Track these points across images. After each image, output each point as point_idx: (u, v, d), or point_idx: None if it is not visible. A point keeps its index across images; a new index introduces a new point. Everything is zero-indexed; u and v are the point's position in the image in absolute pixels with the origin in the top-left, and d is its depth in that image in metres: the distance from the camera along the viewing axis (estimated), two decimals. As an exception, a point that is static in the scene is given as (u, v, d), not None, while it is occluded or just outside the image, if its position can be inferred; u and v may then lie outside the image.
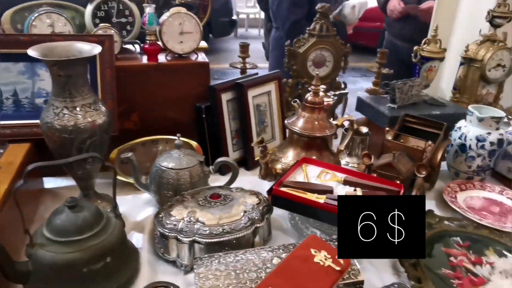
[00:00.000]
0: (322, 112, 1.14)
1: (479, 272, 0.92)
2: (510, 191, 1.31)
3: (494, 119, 1.29)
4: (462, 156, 1.35)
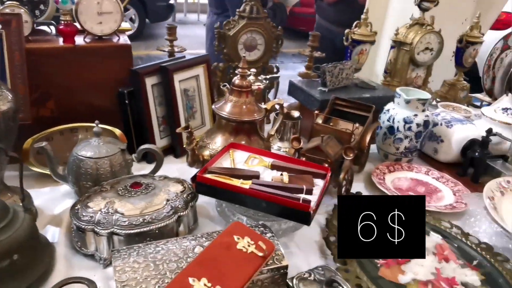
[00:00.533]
0: (250, 95, 1.13)
1: (403, 250, 0.96)
2: (435, 172, 1.39)
3: (420, 101, 1.35)
4: (390, 138, 1.40)
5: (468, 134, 1.40)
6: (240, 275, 0.70)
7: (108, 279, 0.83)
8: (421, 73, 1.94)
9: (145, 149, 1.03)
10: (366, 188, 1.27)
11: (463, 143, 1.41)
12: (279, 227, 0.96)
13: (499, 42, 2.18)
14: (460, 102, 2.03)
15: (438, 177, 1.36)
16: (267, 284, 0.79)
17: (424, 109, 1.37)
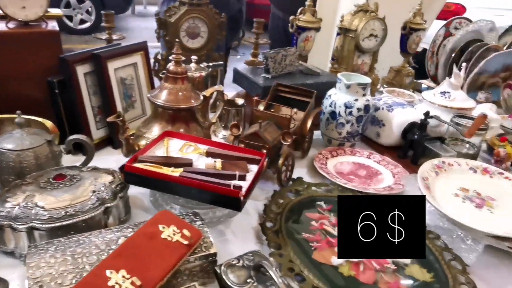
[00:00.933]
0: (186, 82, 1.10)
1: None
2: (377, 155, 1.40)
3: (360, 85, 1.35)
4: (333, 123, 1.40)
5: (408, 118, 1.42)
6: (162, 265, 0.68)
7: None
8: (367, 59, 1.95)
9: (74, 140, 0.98)
10: (308, 174, 1.27)
11: (403, 126, 1.42)
12: (214, 215, 0.94)
13: (441, 29, 2.23)
14: (406, 88, 2.06)
15: (379, 160, 1.38)
16: (196, 272, 0.77)
17: (365, 93, 1.37)
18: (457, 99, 1.52)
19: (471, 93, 1.96)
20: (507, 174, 1.21)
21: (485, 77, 1.99)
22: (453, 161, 1.25)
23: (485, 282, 0.89)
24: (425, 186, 1.08)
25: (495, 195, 1.13)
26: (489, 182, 1.19)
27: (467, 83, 1.95)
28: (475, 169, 1.24)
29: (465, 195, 1.12)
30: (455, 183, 1.17)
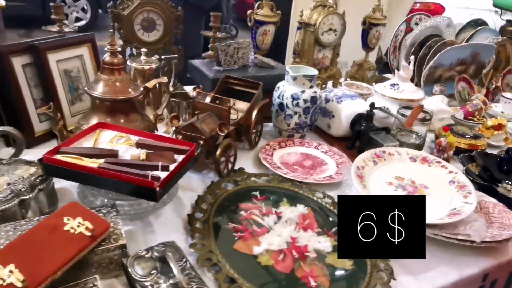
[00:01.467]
0: (123, 73, 1.04)
1: (265, 222, 0.91)
2: (325, 145, 1.35)
3: (306, 77, 1.30)
4: (281, 115, 1.34)
5: (356, 109, 1.37)
6: (56, 258, 0.62)
7: None
8: (328, 53, 1.89)
9: (1, 132, 0.92)
10: (253, 165, 1.21)
11: (351, 118, 1.37)
12: (139, 206, 0.89)
13: (402, 25, 2.17)
14: (368, 82, 2.01)
15: (326, 151, 1.33)
16: (105, 264, 0.72)
17: (312, 85, 1.32)
18: (405, 91, 1.47)
19: (428, 86, 1.91)
20: (444, 163, 1.16)
21: (441, 71, 1.94)
22: (393, 151, 1.20)
23: (404, 269, 0.84)
24: (357, 175, 1.03)
25: (430, 183, 1.08)
26: (427, 171, 1.15)
27: (424, 76, 1.90)
28: (414, 158, 1.19)
29: (399, 184, 1.07)
30: (392, 172, 1.12)
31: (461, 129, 1.46)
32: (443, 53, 1.86)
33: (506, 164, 1.29)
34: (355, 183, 0.97)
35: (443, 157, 1.29)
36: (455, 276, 0.85)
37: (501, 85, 2.08)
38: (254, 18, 1.65)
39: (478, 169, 1.28)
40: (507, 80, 2.12)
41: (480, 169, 1.28)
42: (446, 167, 1.16)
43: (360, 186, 0.97)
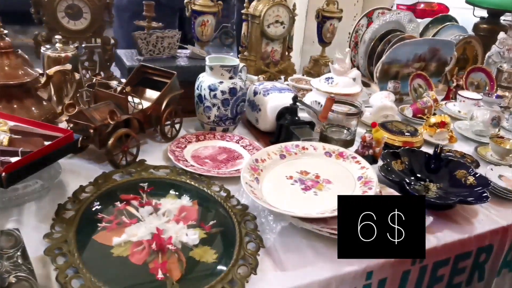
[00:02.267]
0: (13, 57, 1.03)
1: (139, 213, 0.90)
2: (246, 140, 1.33)
3: (224, 68, 1.29)
4: (201, 107, 1.33)
5: (282, 102, 1.35)
6: None
7: None
8: (277, 47, 1.88)
9: None
10: (163, 158, 1.20)
11: (277, 111, 1.36)
12: (14, 193, 0.88)
13: (362, 19, 2.15)
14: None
15: (246, 145, 1.31)
16: None
17: (232, 76, 1.31)
18: (339, 85, 1.45)
19: (383, 83, 1.89)
20: (359, 158, 1.14)
21: (398, 67, 1.92)
22: (308, 145, 1.18)
23: (280, 264, 0.83)
24: (251, 168, 1.02)
25: (335, 178, 1.07)
26: (338, 166, 1.13)
27: (377, 71, 1.88)
28: (330, 153, 1.17)
29: (300, 178, 1.06)
30: (298, 166, 1.10)
31: (396, 126, 1.43)
32: (396, 48, 1.84)
33: (434, 162, 1.27)
34: (242, 176, 0.95)
35: (369, 153, 1.27)
36: (330, 273, 0.83)
37: (465, 83, 2.06)
38: (192, 8, 1.64)
39: (402, 166, 1.25)
40: (471, 79, 2.10)
41: (404, 167, 1.26)
42: (360, 162, 1.14)
43: (247, 178, 0.96)
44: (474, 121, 1.60)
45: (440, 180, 1.22)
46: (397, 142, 1.38)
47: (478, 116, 1.59)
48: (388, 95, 1.64)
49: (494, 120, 1.57)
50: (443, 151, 1.28)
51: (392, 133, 1.39)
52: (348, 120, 1.33)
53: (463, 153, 1.43)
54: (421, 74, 1.91)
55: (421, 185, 1.20)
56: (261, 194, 0.95)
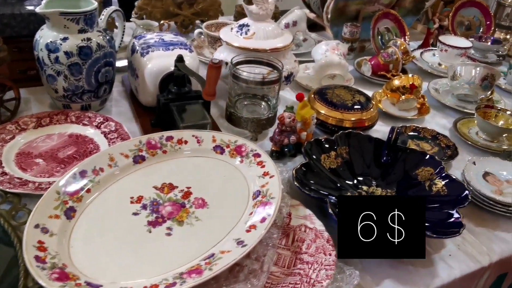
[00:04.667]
0: None
1: None
2: (112, 123, 0.98)
3: (68, 16, 0.91)
4: (43, 76, 0.96)
5: (168, 64, 0.98)
6: None
7: None
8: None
9: None
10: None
11: (160, 78, 0.99)
12: None
13: None
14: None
15: (110, 131, 0.96)
16: None
17: (84, 28, 0.93)
18: (258, 36, 1.07)
19: (338, 26, 1.51)
20: (264, 157, 0.81)
21: (357, 3, 1.53)
22: (190, 136, 0.84)
23: None
24: (63, 193, 0.67)
25: (217, 195, 0.75)
26: (230, 171, 0.80)
27: (328, 11, 1.49)
28: (223, 148, 0.84)
29: (152, 200, 0.71)
30: (160, 176, 0.76)
31: (339, 94, 1.08)
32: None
33: (385, 154, 0.93)
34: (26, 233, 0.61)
35: (290, 142, 0.93)
36: None
37: (451, 23, 1.68)
38: None
39: (338, 162, 0.92)
40: (461, 17, 1.72)
41: (340, 162, 0.92)
42: (264, 164, 0.80)
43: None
44: (457, 81, 1.25)
45: (392, 184, 0.89)
46: (336, 120, 1.04)
47: (463, 74, 1.23)
48: (336, 46, 1.27)
49: (485, 80, 1.22)
50: (400, 136, 0.94)
51: (330, 106, 1.04)
52: (267, 89, 0.98)
53: (436, 132, 1.10)
54: (390, 12, 1.53)
55: (358, 194, 0.87)
56: (65, 249, 0.61)
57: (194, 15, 1.49)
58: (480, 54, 1.56)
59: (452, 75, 1.25)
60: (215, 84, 0.82)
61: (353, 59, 1.46)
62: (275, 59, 1.00)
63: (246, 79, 0.94)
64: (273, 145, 0.96)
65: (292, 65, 1.11)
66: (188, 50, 1.04)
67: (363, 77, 1.34)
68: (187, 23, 1.49)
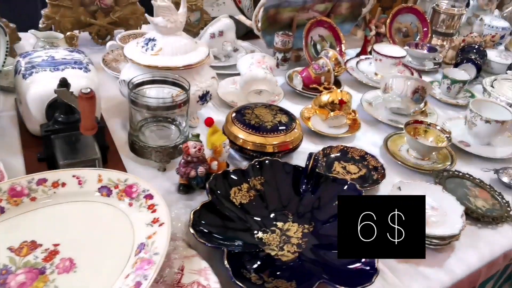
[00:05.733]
0: None
1: None
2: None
3: None
4: None
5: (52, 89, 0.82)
6: None
7: None
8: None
9: None
10: None
11: (46, 104, 0.84)
12: None
13: None
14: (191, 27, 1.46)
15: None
16: None
17: None
18: (164, 52, 0.93)
19: (271, 35, 1.39)
20: (157, 199, 0.67)
21: (290, 11, 1.41)
22: (68, 177, 0.69)
23: None
24: None
25: (92, 253, 0.59)
26: (114, 218, 0.65)
27: (257, 20, 1.36)
28: (110, 189, 0.69)
29: (2, 268, 0.56)
30: (21, 232, 0.60)
31: (259, 114, 0.95)
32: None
33: (304, 183, 0.81)
34: None
35: (198, 173, 0.80)
36: None
37: (389, 30, 1.59)
38: None
39: (251, 195, 0.79)
40: (398, 24, 1.63)
41: (254, 195, 0.79)
42: (156, 208, 0.66)
43: None
44: (389, 94, 1.15)
45: (310, 219, 0.77)
46: (256, 145, 0.91)
47: (394, 86, 1.13)
48: (262, 59, 1.15)
49: (416, 93, 1.12)
50: (318, 162, 0.82)
51: (249, 129, 0.91)
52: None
53: (365, 152, 0.99)
54: (324, 20, 1.42)
55: (271, 231, 0.74)
56: None
57: (112, 25, 1.33)
58: (417, 62, 1.48)
59: (384, 87, 1.14)
60: (91, 116, 0.68)
61: (287, 69, 1.34)
62: (181, 77, 0.87)
63: (146, 104, 0.80)
64: (180, 177, 0.82)
65: (208, 83, 0.98)
66: (83, 70, 0.89)
67: (295, 91, 1.22)
68: (104, 34, 1.34)
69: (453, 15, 1.58)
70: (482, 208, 0.86)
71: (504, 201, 0.89)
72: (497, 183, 0.96)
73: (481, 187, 0.92)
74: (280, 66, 1.37)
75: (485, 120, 1.01)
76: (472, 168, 1.01)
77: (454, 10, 1.59)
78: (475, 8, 1.79)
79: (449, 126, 1.11)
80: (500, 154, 1.04)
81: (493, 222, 0.84)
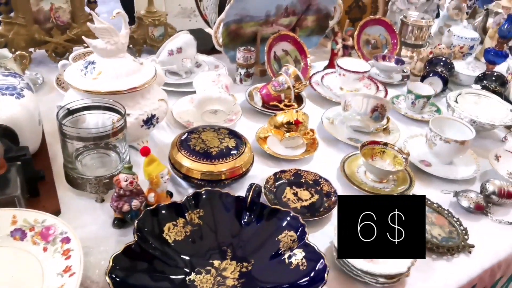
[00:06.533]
0: None
1: None
2: None
3: None
4: None
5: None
6: None
7: None
8: (61, 2, 1.25)
9: None
10: None
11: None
12: None
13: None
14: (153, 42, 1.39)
15: None
16: None
17: None
18: (105, 75, 0.86)
19: (233, 50, 1.32)
20: (73, 243, 0.58)
21: (253, 25, 1.34)
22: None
23: None
24: None
25: None
26: (27, 265, 0.57)
27: (218, 36, 1.29)
28: (24, 233, 0.61)
29: None
30: None
31: (204, 140, 0.88)
32: (242, -2, 1.25)
33: (246, 216, 0.74)
34: None
35: (132, 207, 0.72)
36: None
37: (357, 42, 1.52)
38: None
39: (187, 231, 0.71)
40: (367, 35, 1.56)
41: (190, 230, 0.72)
42: (70, 255, 0.59)
43: None
44: (349, 112, 1.08)
45: (250, 256, 0.70)
46: (202, 174, 0.83)
47: (353, 104, 1.06)
48: (217, 77, 1.07)
49: (375, 111, 1.05)
50: (258, 193, 0.75)
51: (193, 156, 0.84)
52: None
53: (319, 176, 0.92)
54: (288, 34, 1.35)
55: (206, 272, 0.67)
56: None
57: (69, 42, 1.25)
58: (384, 75, 1.41)
59: (344, 105, 1.07)
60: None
61: (251, 85, 1.27)
62: (116, 102, 0.79)
63: (75, 136, 0.72)
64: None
65: (154, 106, 0.91)
66: (15, 96, 0.81)
67: (254, 109, 1.15)
68: (62, 51, 1.26)
69: (421, 26, 1.52)
70: (437, 237, 0.79)
71: (461, 228, 0.82)
72: (456, 206, 0.89)
73: (439, 213, 0.85)
74: (243, 82, 1.30)
75: (444, 140, 0.95)
76: (432, 189, 0.94)
77: (422, 21, 1.52)
78: (446, 18, 1.72)
79: (410, 144, 1.04)
80: (461, 174, 0.97)
81: (448, 252, 0.77)
